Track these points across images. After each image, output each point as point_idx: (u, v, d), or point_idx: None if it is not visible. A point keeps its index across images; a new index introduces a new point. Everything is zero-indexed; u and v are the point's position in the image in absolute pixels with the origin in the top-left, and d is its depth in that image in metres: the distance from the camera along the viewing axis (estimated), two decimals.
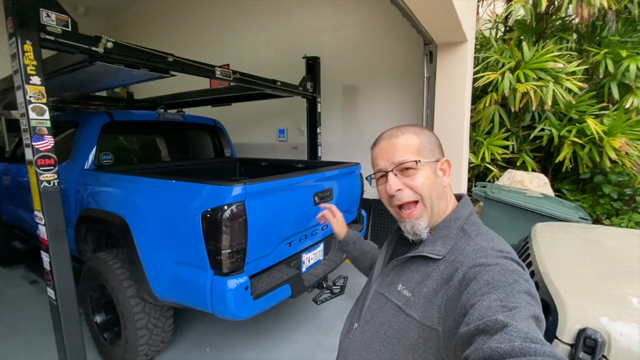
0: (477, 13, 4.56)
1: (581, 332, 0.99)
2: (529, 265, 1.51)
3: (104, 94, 4.49)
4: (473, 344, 0.49)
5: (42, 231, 1.60)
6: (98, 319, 2.25)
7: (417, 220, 0.74)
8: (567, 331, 1.02)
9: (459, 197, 0.82)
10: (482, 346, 0.46)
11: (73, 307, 1.68)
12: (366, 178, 0.86)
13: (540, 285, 1.27)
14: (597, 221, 3.67)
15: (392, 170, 0.75)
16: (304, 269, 2.25)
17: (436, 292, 0.66)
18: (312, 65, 3.77)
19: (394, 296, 0.74)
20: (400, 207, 0.76)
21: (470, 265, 0.63)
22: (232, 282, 1.66)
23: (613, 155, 3.35)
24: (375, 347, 0.73)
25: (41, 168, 1.53)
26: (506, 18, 4.40)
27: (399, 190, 0.74)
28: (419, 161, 0.73)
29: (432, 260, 0.71)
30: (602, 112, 3.71)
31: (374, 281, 0.84)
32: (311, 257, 2.33)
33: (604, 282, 1.25)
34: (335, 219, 1.18)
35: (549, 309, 1.15)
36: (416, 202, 0.74)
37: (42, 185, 1.54)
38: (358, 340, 0.78)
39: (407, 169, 0.74)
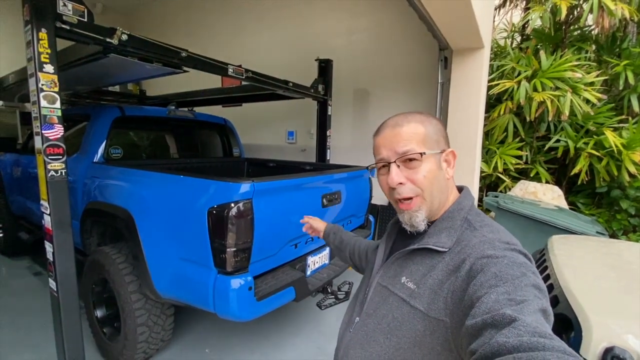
0: (493, 21, 4.51)
1: (608, 350, 0.92)
2: (547, 278, 1.44)
3: (117, 89, 4.54)
4: (480, 337, 0.48)
5: (47, 221, 1.58)
6: (99, 313, 2.22)
7: (415, 212, 0.72)
8: (592, 349, 0.95)
9: (459, 189, 0.80)
10: (490, 340, 0.45)
11: (74, 300, 1.65)
12: (367, 167, 0.83)
13: (560, 300, 1.20)
14: (613, 237, 3.54)
15: (395, 162, 0.71)
16: (308, 273, 2.19)
17: (442, 284, 0.65)
18: (325, 67, 3.74)
19: (398, 288, 0.72)
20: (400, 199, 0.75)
21: (478, 256, 0.62)
22: (236, 282, 1.61)
23: (633, 169, 3.25)
24: (378, 339, 0.72)
25: (49, 157, 1.52)
26: (523, 27, 4.34)
27: (400, 184, 0.71)
28: (424, 153, 0.70)
29: (436, 252, 0.69)
30: (621, 124, 3.60)
31: (375, 274, 0.82)
32: (316, 261, 2.28)
33: (630, 298, 1.17)
34: (312, 218, 1.31)
35: (571, 325, 1.08)
36: (416, 195, 0.72)
37: (49, 174, 1.52)
38: (360, 333, 0.77)
39: (410, 160, 0.70)
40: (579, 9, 3.85)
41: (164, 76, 2.42)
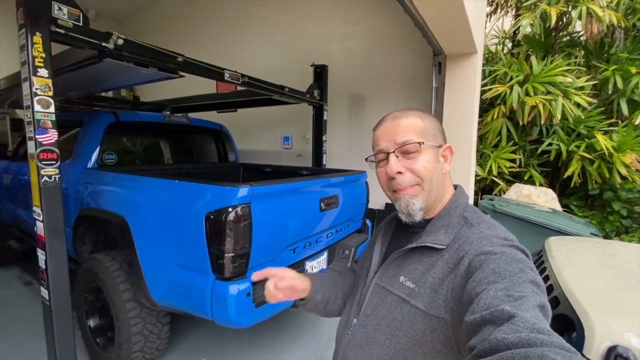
0: (484, 28, 4.60)
1: (611, 350, 0.92)
2: (546, 279, 1.44)
3: (110, 95, 4.50)
4: (479, 333, 0.49)
5: (40, 228, 1.54)
6: (91, 322, 2.16)
7: (411, 198, 0.71)
8: (595, 349, 0.95)
9: (454, 187, 0.81)
10: (489, 337, 0.46)
11: (67, 309, 1.60)
12: (366, 159, 0.83)
13: (561, 300, 1.20)
14: (606, 238, 3.59)
15: (393, 152, 0.72)
16: None
17: (442, 281, 0.65)
18: (320, 73, 3.77)
19: (396, 288, 0.72)
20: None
21: (476, 253, 0.62)
22: (234, 288, 1.59)
23: (624, 171, 3.30)
24: (378, 340, 0.71)
25: (43, 162, 1.49)
26: (514, 33, 4.43)
27: (399, 173, 0.71)
28: (422, 143, 0.71)
29: (435, 250, 0.70)
30: (611, 128, 3.68)
31: (373, 275, 0.81)
32: (314, 266, 2.26)
33: (629, 296, 1.18)
34: (281, 272, 0.85)
35: (573, 325, 1.08)
36: (415, 184, 0.72)
37: (42, 180, 1.49)
38: (358, 335, 0.76)
39: (409, 151, 0.71)
40: (568, 15, 3.94)
41: (160, 81, 2.40)
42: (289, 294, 0.84)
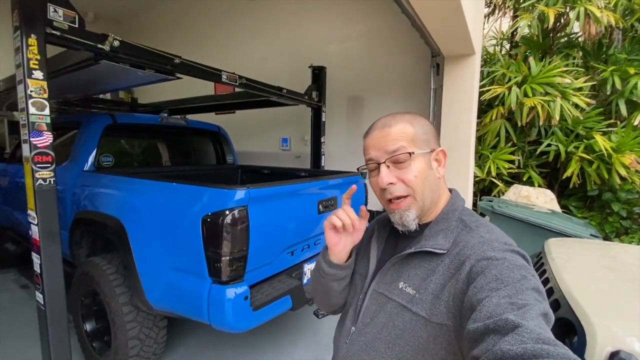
0: (482, 29, 4.60)
1: (614, 355, 0.91)
2: (546, 282, 1.43)
3: (108, 97, 4.49)
4: (482, 343, 0.48)
5: (35, 231, 1.52)
6: (88, 327, 2.14)
7: (405, 211, 0.71)
8: (597, 354, 0.94)
9: (449, 190, 0.80)
10: (493, 347, 0.45)
11: (62, 313, 1.58)
12: (357, 169, 0.82)
13: (561, 303, 1.19)
14: (606, 239, 3.58)
15: (384, 162, 0.71)
16: (305, 280, 2.16)
17: (443, 287, 0.64)
18: (318, 74, 3.76)
19: (396, 295, 0.70)
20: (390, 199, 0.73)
21: (478, 258, 0.62)
22: (231, 292, 1.57)
23: (623, 172, 3.30)
24: (379, 349, 0.70)
25: (38, 165, 1.47)
26: (512, 34, 4.43)
27: (391, 184, 0.70)
28: (413, 153, 0.69)
29: (435, 255, 0.68)
30: (610, 129, 3.67)
31: (370, 281, 0.79)
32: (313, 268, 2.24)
33: (631, 300, 1.17)
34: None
35: (574, 329, 1.07)
36: (407, 195, 0.71)
37: (37, 183, 1.48)
38: (357, 344, 0.74)
39: (400, 160, 0.70)
40: (565, 16, 3.95)
41: (157, 83, 2.39)
42: (355, 236, 0.80)
